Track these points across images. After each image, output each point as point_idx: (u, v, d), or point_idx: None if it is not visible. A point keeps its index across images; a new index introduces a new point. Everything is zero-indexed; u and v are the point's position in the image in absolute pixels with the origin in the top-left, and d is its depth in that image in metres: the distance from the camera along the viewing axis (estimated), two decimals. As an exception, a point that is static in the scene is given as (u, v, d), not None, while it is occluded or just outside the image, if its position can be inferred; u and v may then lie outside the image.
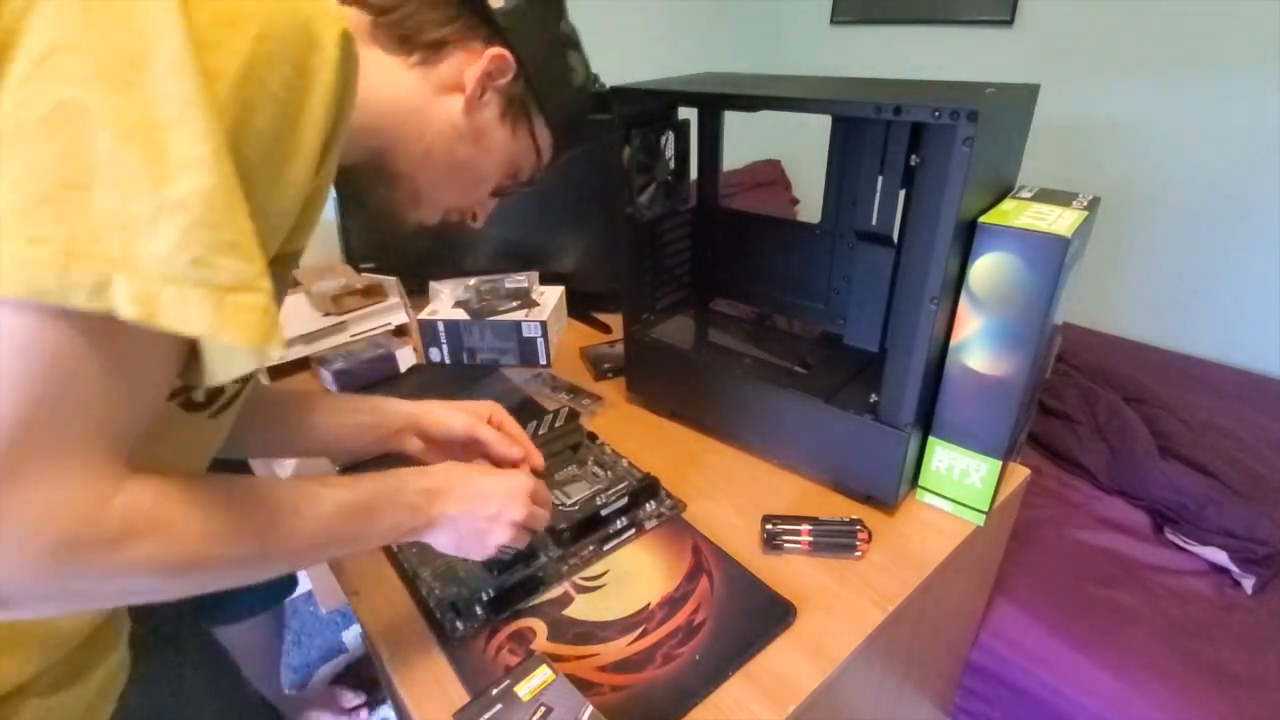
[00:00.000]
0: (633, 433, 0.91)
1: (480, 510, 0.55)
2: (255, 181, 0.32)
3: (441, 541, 0.55)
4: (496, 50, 0.53)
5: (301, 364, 1.07)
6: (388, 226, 0.60)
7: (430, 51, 0.52)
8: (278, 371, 1.06)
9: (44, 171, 0.27)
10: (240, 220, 0.30)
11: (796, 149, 2.45)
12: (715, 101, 0.87)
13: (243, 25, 0.31)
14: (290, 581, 1.19)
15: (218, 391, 0.42)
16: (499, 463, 0.69)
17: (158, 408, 0.34)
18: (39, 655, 0.41)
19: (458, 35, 0.52)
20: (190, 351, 0.34)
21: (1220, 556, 1.10)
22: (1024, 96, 0.69)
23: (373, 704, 1.34)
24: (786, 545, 0.71)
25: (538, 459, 0.71)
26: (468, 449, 0.70)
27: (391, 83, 0.51)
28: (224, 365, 0.33)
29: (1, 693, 0.39)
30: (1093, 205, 0.68)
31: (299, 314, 1.10)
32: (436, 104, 0.53)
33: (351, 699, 1.32)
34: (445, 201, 0.60)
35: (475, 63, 0.53)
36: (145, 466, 0.34)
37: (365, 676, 1.41)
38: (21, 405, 0.28)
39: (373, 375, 1.04)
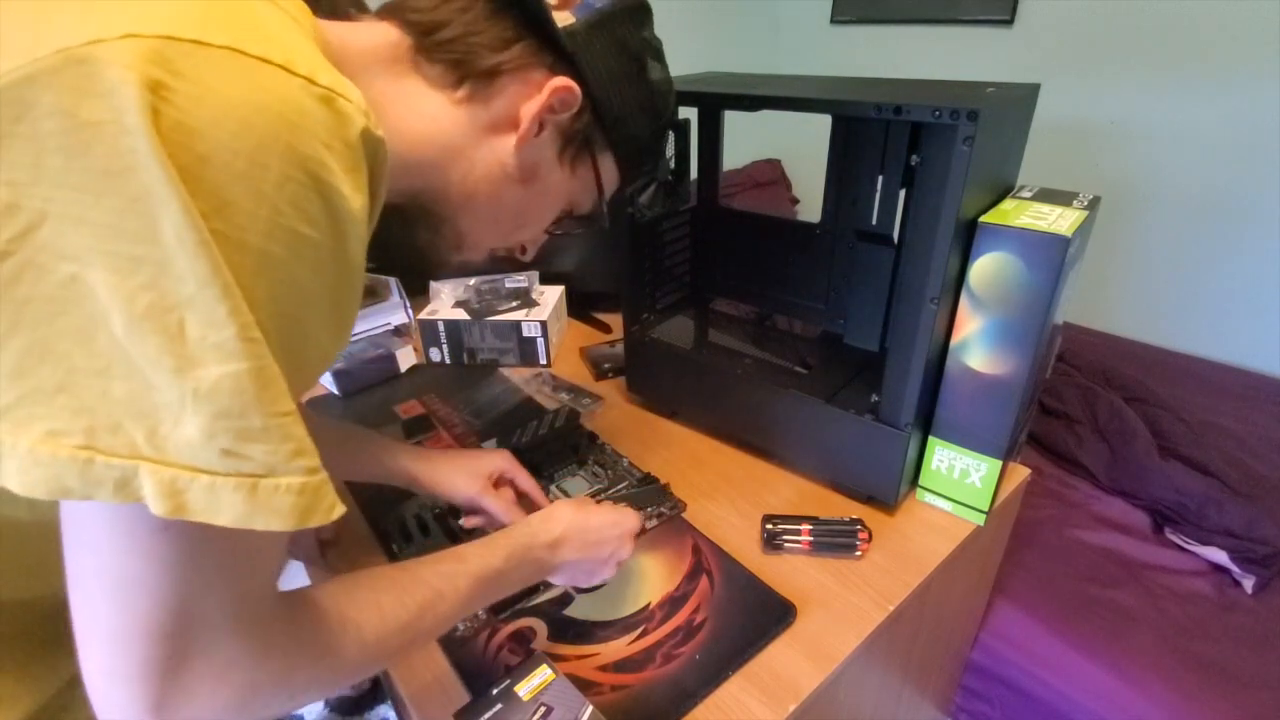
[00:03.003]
0: (633, 433, 0.91)
1: (596, 555, 0.59)
2: (317, 327, 0.31)
3: (559, 581, 0.61)
4: (560, 81, 0.43)
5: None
6: (431, 270, 0.55)
7: (481, 83, 0.43)
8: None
9: (55, 357, 0.25)
10: (272, 400, 0.28)
11: (796, 149, 2.45)
12: (715, 101, 0.87)
13: (256, 177, 0.27)
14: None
15: None
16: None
17: (275, 552, 0.35)
18: (19, 707, 0.39)
19: (516, 62, 0.43)
20: None
21: (1220, 556, 1.10)
22: (1024, 96, 0.69)
23: (374, 692, 1.34)
24: (786, 545, 0.71)
25: None
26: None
27: (433, 123, 0.43)
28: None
29: None
30: (1093, 205, 0.68)
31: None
32: (484, 144, 0.45)
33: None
34: (490, 243, 0.52)
35: (534, 97, 0.43)
36: (295, 592, 0.36)
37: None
38: (167, 600, 0.29)
39: (373, 375, 1.04)
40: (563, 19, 0.44)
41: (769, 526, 0.71)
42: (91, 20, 0.25)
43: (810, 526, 0.71)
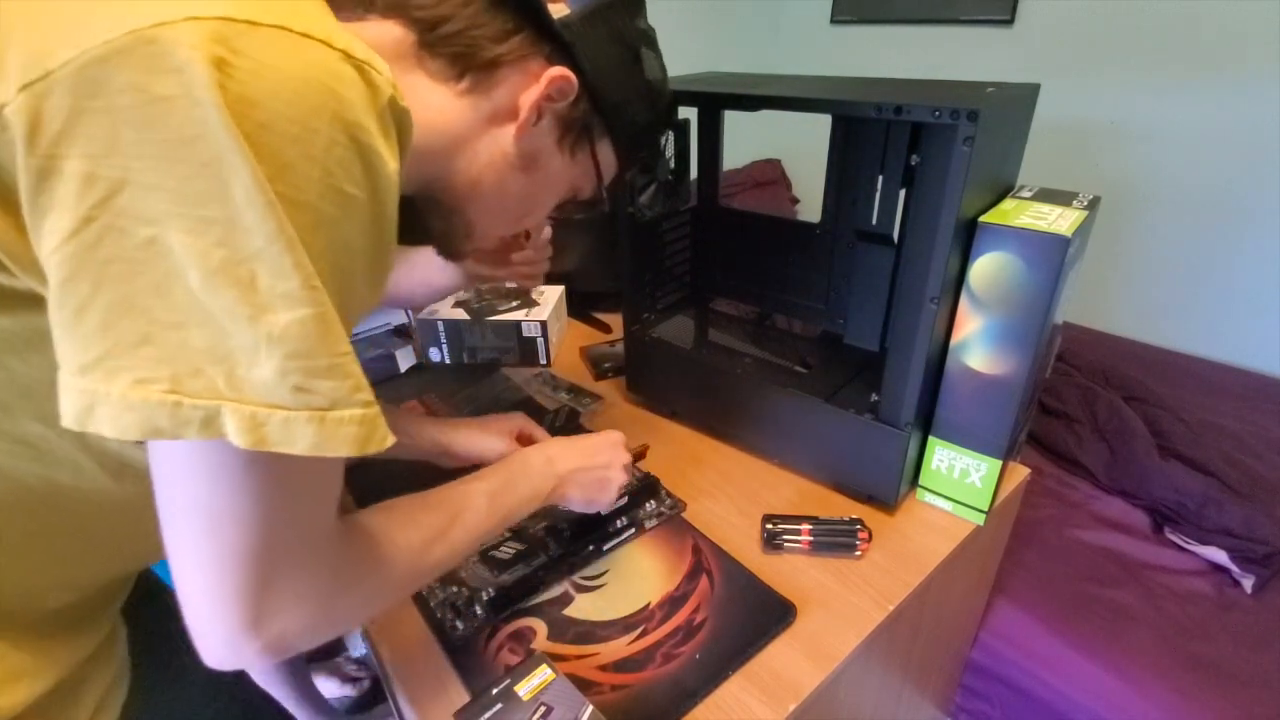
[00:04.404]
0: (633, 432, 0.91)
1: (595, 461, 0.63)
2: (362, 280, 0.34)
3: (573, 497, 0.62)
4: (557, 71, 0.45)
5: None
6: (447, 257, 0.57)
7: (482, 75, 0.45)
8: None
9: (137, 312, 0.27)
10: (334, 342, 0.31)
11: (796, 149, 2.45)
12: (715, 101, 0.87)
13: (309, 142, 0.29)
14: None
15: None
16: None
17: (336, 482, 0.38)
18: (30, 684, 0.41)
19: (515, 54, 0.45)
20: None
21: (1220, 556, 1.10)
22: (1024, 96, 0.69)
23: (375, 692, 1.34)
24: (787, 545, 0.71)
25: None
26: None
27: (439, 114, 0.44)
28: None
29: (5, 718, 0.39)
30: (1093, 205, 0.68)
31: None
32: (487, 134, 0.47)
33: (354, 669, 1.33)
34: (498, 230, 0.56)
35: (532, 86, 0.45)
36: (348, 518, 0.40)
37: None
38: (253, 528, 0.33)
39: (372, 375, 1.03)
40: (558, 10, 0.46)
41: (769, 526, 0.71)
42: (156, 4, 0.27)
43: (810, 526, 0.71)
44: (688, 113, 0.89)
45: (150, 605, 0.56)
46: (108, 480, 0.39)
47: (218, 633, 0.34)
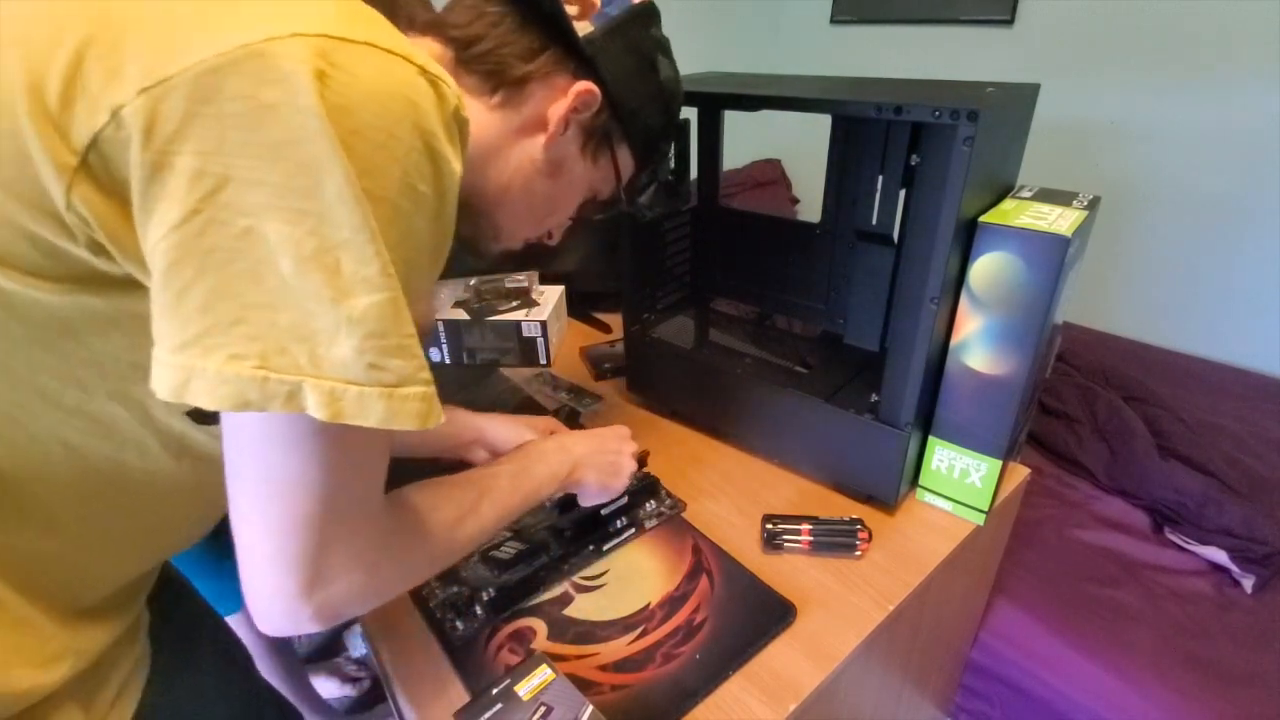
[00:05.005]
0: (633, 433, 0.91)
1: (605, 446, 0.67)
2: (423, 271, 0.37)
3: (589, 480, 0.64)
4: (583, 85, 0.49)
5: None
6: (476, 257, 0.60)
7: (513, 90, 0.49)
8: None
9: (232, 295, 0.31)
10: (403, 324, 0.34)
11: (796, 149, 2.45)
12: (715, 101, 0.87)
13: (397, 136, 0.33)
14: None
15: None
16: None
17: (387, 457, 0.41)
18: (69, 664, 0.42)
19: (543, 70, 0.49)
20: None
21: (1220, 556, 1.10)
22: (1024, 96, 0.69)
23: (375, 692, 1.34)
24: (787, 545, 0.71)
25: None
26: None
27: (476, 128, 0.47)
28: (399, 441, 0.43)
29: (33, 701, 0.40)
30: (1093, 205, 0.68)
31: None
32: (517, 145, 0.51)
33: (354, 669, 1.33)
34: (524, 233, 0.58)
35: (560, 99, 0.49)
36: (392, 494, 0.43)
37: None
38: (316, 497, 0.36)
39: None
40: (582, 28, 0.50)
41: (769, 526, 0.71)
42: (264, 21, 0.31)
43: (810, 526, 0.71)
44: (688, 113, 0.88)
45: (166, 593, 0.57)
46: (169, 461, 0.42)
47: (277, 596, 0.37)
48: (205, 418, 0.44)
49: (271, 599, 0.37)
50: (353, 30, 0.32)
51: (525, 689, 0.54)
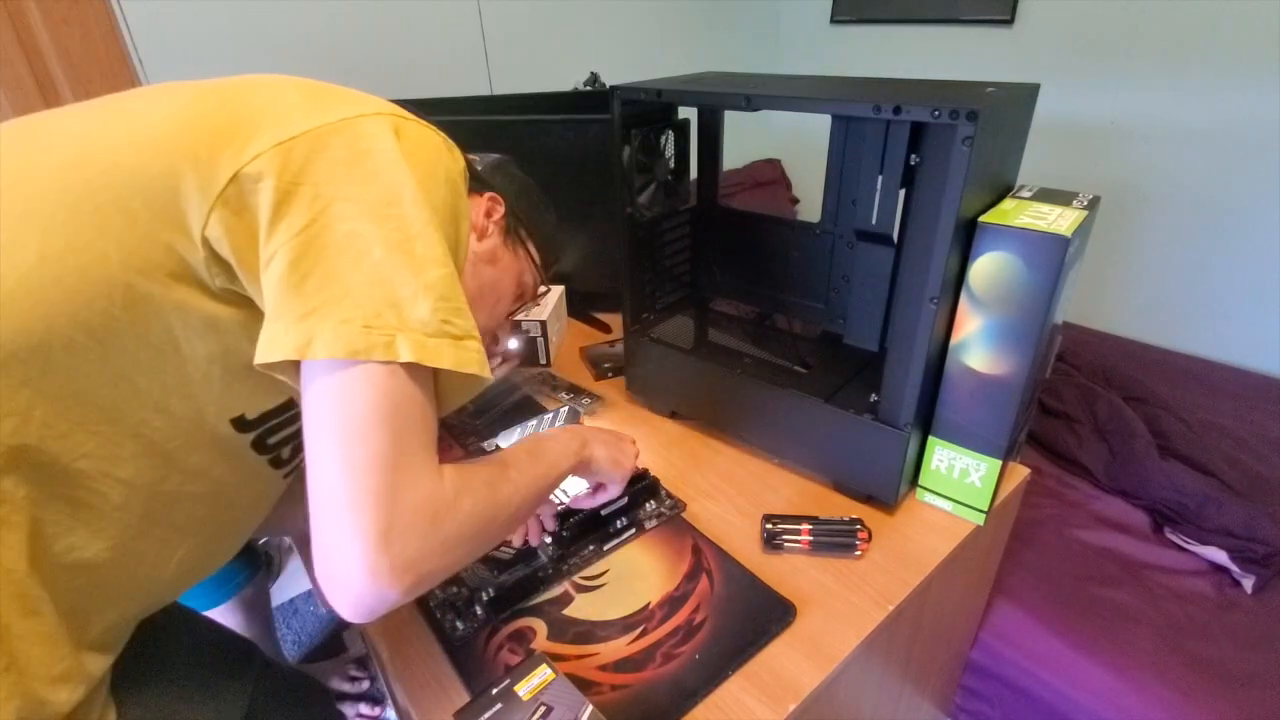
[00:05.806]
0: (633, 433, 0.91)
1: (610, 439, 0.70)
2: (459, 268, 0.50)
3: (599, 455, 0.67)
4: (490, 195, 0.67)
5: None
6: None
7: None
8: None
9: (339, 276, 0.42)
10: (461, 294, 0.47)
11: (796, 149, 2.45)
12: (715, 101, 0.87)
13: (439, 172, 0.51)
14: (253, 563, 1.15)
15: (295, 454, 0.57)
16: None
17: (436, 418, 0.47)
18: (87, 686, 0.46)
19: (472, 192, 0.64)
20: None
21: (1220, 556, 1.10)
22: (1024, 96, 0.69)
23: (376, 694, 1.34)
24: (786, 545, 0.71)
25: None
26: None
27: None
28: (446, 402, 0.48)
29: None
30: (1093, 205, 0.68)
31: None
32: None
33: (354, 669, 1.33)
34: (482, 321, 0.64)
35: (480, 204, 0.66)
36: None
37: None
38: (391, 436, 0.41)
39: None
40: (476, 166, 0.68)
41: (769, 526, 0.71)
42: (352, 108, 0.48)
43: (810, 526, 0.71)
44: (688, 113, 0.89)
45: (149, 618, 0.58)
46: (224, 468, 0.51)
47: (355, 541, 0.39)
48: (246, 426, 0.52)
49: (349, 549, 0.39)
50: (403, 114, 0.52)
51: (525, 689, 0.54)
